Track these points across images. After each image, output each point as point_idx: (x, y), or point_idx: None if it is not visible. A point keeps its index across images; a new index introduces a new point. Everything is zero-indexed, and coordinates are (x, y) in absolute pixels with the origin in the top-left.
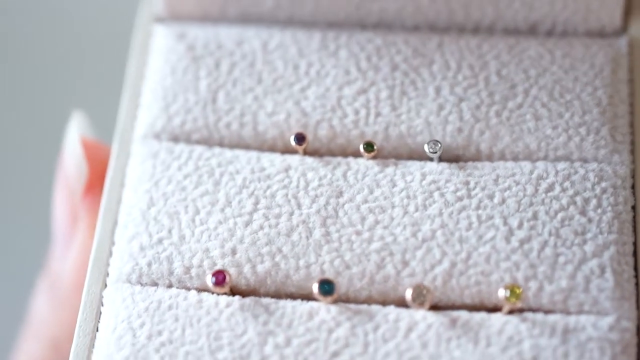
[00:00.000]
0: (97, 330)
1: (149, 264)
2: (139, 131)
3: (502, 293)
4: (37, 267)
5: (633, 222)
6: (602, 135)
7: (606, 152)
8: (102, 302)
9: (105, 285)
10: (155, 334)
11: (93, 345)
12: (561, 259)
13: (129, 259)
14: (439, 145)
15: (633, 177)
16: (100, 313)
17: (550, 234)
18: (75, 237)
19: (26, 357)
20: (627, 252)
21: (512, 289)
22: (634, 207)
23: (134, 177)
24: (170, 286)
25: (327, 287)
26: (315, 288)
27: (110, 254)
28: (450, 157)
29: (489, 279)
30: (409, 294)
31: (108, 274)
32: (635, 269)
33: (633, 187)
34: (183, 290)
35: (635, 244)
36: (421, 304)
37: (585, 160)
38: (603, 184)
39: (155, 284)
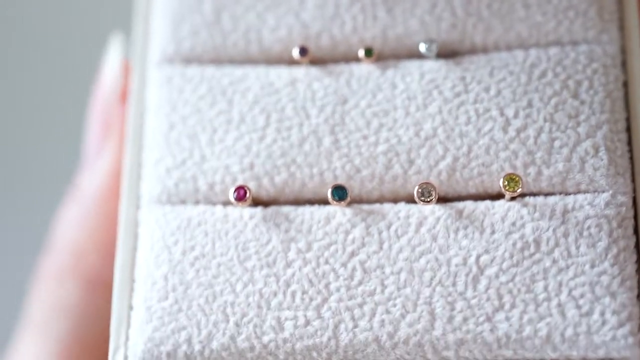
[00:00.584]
0: (136, 250)
1: (176, 185)
2: (152, 57)
3: (502, 183)
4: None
5: (625, 98)
6: (590, 17)
7: (595, 33)
8: (137, 223)
9: (138, 207)
10: (188, 249)
11: (134, 264)
12: (557, 143)
13: (157, 181)
14: (435, 43)
15: (623, 53)
16: (137, 234)
17: (545, 120)
18: (106, 146)
19: (47, 271)
20: (619, 129)
21: (511, 177)
22: (625, 84)
23: (153, 103)
24: (197, 202)
25: (340, 192)
26: (329, 194)
27: (139, 177)
28: (447, 52)
29: (490, 169)
30: (416, 193)
31: (139, 197)
32: (630, 143)
33: (624, 63)
34: (209, 206)
35: (628, 119)
36: (429, 202)
37: (575, 43)
38: (594, 65)
39: (184, 202)
